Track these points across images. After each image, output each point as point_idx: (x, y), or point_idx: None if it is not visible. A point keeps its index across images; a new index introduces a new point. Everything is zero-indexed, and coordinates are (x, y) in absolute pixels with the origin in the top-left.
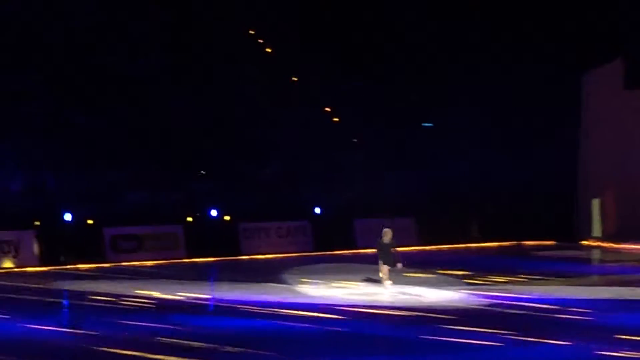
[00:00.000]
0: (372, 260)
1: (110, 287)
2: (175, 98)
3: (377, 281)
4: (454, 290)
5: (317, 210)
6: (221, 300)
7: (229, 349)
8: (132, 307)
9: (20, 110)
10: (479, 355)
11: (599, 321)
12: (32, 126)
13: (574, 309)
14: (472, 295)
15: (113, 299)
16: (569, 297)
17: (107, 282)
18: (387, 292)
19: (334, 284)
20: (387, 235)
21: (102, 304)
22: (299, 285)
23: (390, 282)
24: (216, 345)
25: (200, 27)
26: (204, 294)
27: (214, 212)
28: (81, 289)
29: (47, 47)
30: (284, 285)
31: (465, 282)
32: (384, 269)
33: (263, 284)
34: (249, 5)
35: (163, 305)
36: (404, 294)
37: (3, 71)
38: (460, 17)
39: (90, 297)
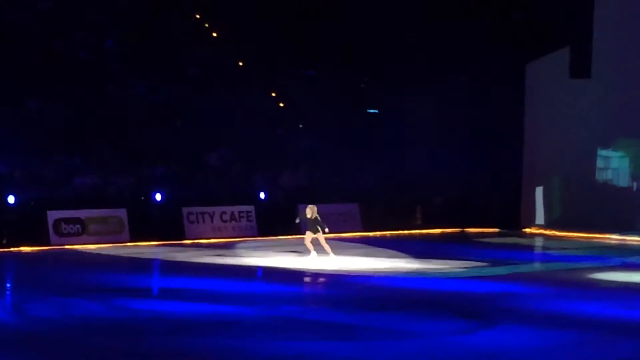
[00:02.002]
0: (315, 246)
1: (55, 271)
2: (125, 82)
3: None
4: (394, 272)
5: (262, 195)
6: (166, 284)
7: (171, 333)
8: (76, 290)
9: None
10: (419, 341)
11: (535, 307)
12: None
13: (509, 295)
14: (409, 280)
15: (57, 283)
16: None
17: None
18: (314, 261)
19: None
20: (313, 211)
21: (47, 288)
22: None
23: (315, 252)
24: (156, 330)
25: (150, 11)
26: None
27: (158, 197)
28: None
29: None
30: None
31: (404, 266)
32: (309, 236)
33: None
34: None
35: (106, 288)
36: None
37: None
38: (406, 5)
39: (35, 280)
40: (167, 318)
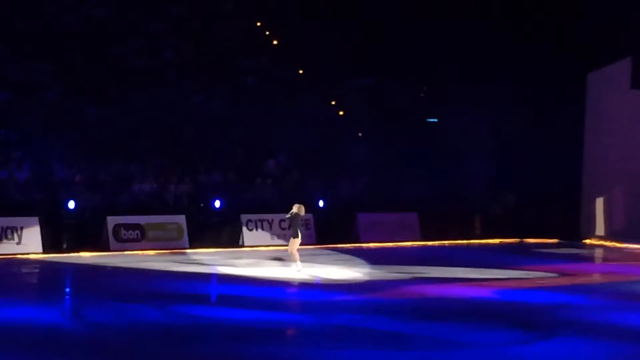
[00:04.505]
0: (375, 254)
1: (114, 277)
2: (183, 90)
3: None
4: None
5: (321, 203)
6: (223, 291)
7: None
8: (135, 296)
9: (29, 99)
10: (477, 351)
11: (594, 319)
12: (41, 115)
13: (571, 306)
14: (467, 289)
15: (116, 289)
16: (566, 294)
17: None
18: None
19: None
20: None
21: (106, 293)
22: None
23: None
24: (214, 336)
25: (210, 19)
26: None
27: (217, 203)
28: (85, 277)
29: (59, 37)
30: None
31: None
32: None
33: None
34: None
35: (164, 294)
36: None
37: (13, 60)
38: (465, 14)
39: (92, 285)
40: (224, 325)
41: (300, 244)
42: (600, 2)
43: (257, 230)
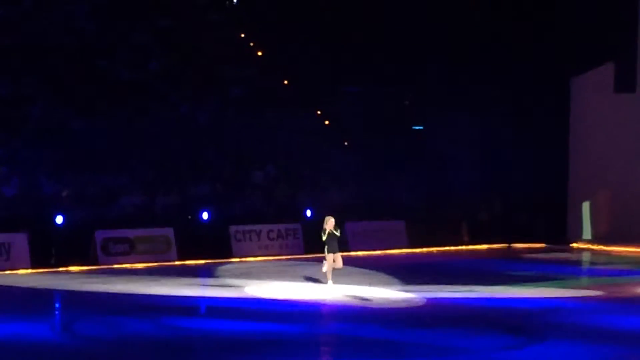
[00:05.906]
0: (364, 263)
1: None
2: (169, 101)
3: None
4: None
5: (309, 213)
6: (213, 302)
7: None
8: (125, 309)
9: (15, 114)
10: (468, 357)
11: (583, 322)
12: (27, 130)
13: (561, 310)
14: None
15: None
16: (556, 298)
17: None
18: (333, 291)
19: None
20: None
21: (96, 307)
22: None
23: (331, 281)
24: (205, 348)
25: (195, 30)
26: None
27: (205, 215)
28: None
29: (44, 51)
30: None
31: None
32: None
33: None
34: (240, 8)
35: (155, 307)
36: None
37: None
38: (452, 20)
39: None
40: (215, 337)
41: (290, 254)
42: (583, 7)
43: (245, 241)
